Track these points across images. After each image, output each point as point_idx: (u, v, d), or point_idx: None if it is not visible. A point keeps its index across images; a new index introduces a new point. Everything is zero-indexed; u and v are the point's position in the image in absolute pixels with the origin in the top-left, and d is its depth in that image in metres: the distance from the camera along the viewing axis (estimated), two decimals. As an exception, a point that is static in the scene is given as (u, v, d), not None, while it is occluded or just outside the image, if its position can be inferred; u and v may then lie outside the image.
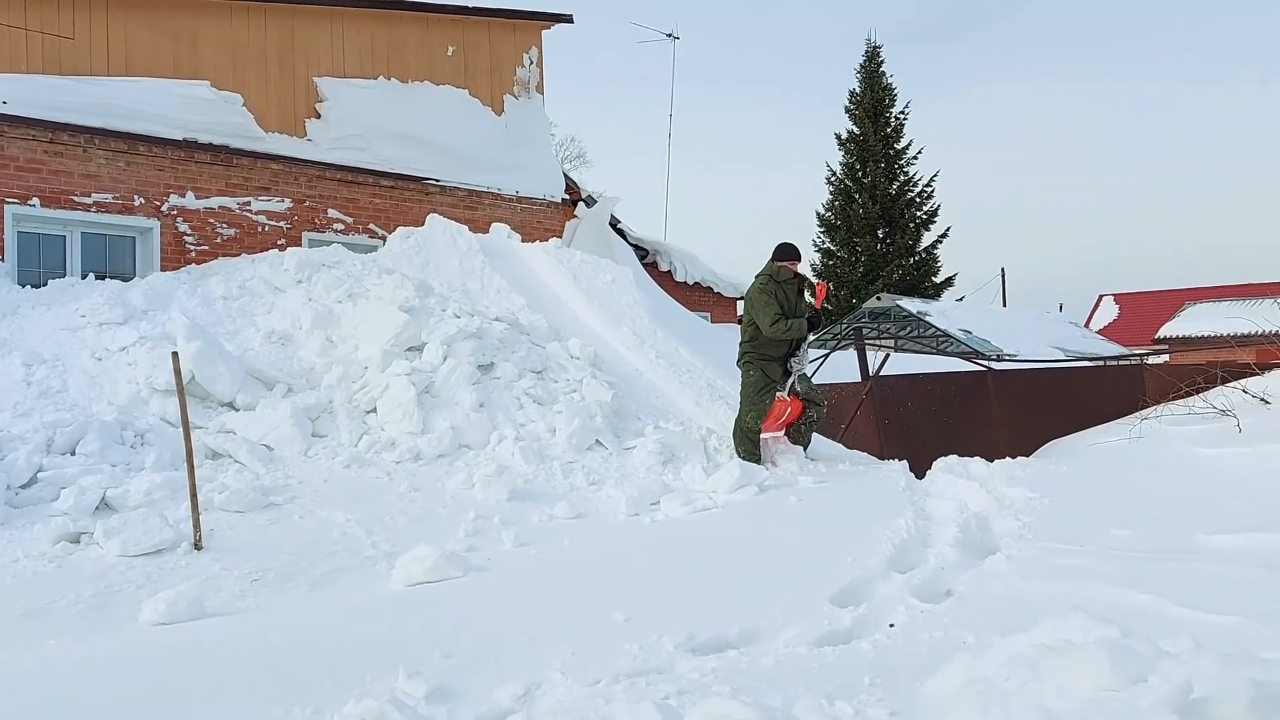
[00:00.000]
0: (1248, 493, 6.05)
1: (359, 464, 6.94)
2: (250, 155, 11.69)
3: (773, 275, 7.55)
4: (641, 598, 4.51)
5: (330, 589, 4.76)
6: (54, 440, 6.34)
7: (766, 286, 7.49)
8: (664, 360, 9.41)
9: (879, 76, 32.80)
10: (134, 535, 5.12)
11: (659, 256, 17.67)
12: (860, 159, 32.29)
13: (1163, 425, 7.68)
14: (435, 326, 8.38)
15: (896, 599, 4.56)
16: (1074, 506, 6.07)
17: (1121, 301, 38.50)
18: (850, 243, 32.05)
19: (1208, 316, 27.84)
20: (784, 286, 7.53)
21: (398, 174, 13.06)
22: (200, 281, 9.41)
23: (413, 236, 11.06)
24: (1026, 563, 4.92)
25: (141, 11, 11.29)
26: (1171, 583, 4.35)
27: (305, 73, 12.56)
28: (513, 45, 14.94)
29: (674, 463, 7.34)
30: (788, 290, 7.54)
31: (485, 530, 5.70)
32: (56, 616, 4.27)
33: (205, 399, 7.45)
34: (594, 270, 11.09)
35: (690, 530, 5.81)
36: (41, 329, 8.09)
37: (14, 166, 10.04)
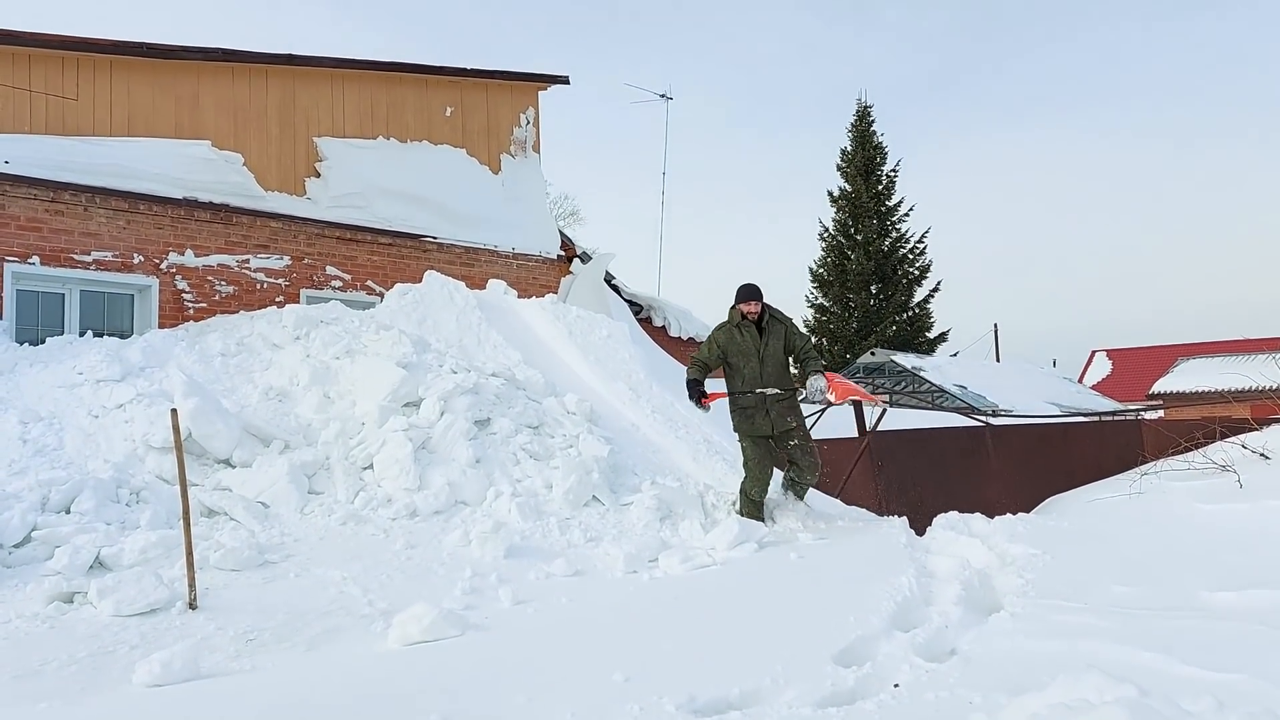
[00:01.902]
0: (1249, 549, 6.02)
1: (355, 521, 6.89)
2: (250, 213, 11.80)
3: (729, 320, 7.33)
4: (641, 657, 4.45)
5: (326, 649, 4.69)
6: (49, 498, 6.30)
7: (717, 329, 7.36)
8: (660, 415, 9.40)
9: (870, 135, 33.33)
10: (128, 595, 5.05)
11: (653, 312, 17.74)
12: (853, 215, 32.68)
13: (1162, 481, 7.68)
14: (432, 382, 8.38)
15: (900, 658, 4.51)
16: (1076, 563, 6.03)
17: (1114, 357, 38.68)
18: (844, 298, 32.29)
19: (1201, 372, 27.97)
20: (739, 330, 7.20)
21: (395, 231, 13.18)
22: (198, 338, 9.43)
23: (410, 293, 11.12)
24: (1030, 620, 4.87)
25: (144, 73, 11.46)
26: (1176, 640, 4.30)
27: (306, 133, 12.72)
28: (510, 106, 15.17)
29: (672, 519, 7.30)
30: (743, 333, 7.19)
31: (482, 588, 5.64)
32: (49, 678, 4.19)
33: (202, 456, 7.42)
34: (589, 326, 11.14)
35: (689, 588, 5.75)
36: (38, 386, 8.08)
37: (15, 225, 10.11)
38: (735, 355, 7.20)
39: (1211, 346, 33.37)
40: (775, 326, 7.24)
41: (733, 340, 7.19)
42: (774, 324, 7.25)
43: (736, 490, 7.50)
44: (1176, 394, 27.56)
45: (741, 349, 7.16)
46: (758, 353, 7.14)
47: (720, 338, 7.26)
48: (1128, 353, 38.41)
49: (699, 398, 7.26)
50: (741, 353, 7.17)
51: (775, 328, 7.24)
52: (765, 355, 7.14)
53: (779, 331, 7.24)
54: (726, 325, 7.28)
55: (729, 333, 7.23)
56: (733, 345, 7.20)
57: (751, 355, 7.15)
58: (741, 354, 7.17)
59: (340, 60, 13.19)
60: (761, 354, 7.14)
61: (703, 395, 7.26)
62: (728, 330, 7.25)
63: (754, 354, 7.14)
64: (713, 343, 7.29)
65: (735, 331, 7.20)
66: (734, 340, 7.19)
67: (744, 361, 7.18)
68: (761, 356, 7.14)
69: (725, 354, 7.24)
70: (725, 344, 7.21)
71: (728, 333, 7.23)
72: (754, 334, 7.17)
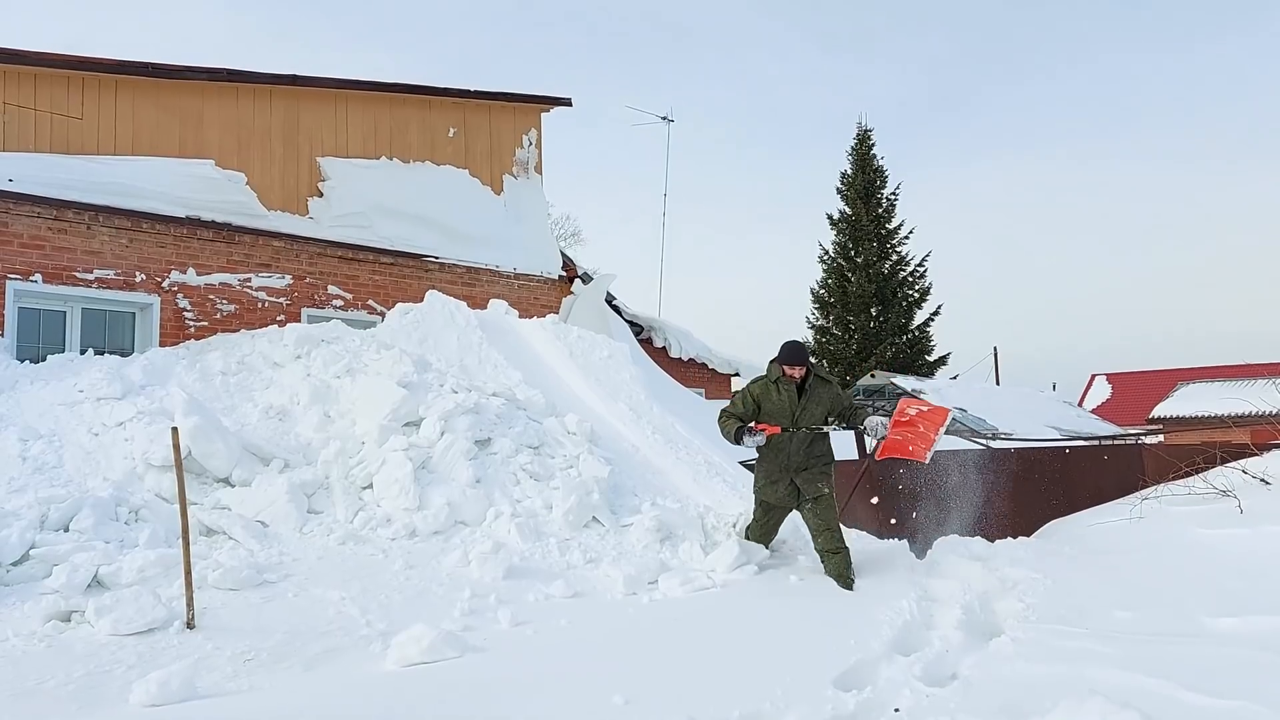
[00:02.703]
0: (1250, 574, 6.00)
1: (354, 541, 6.87)
2: (252, 232, 11.84)
3: (767, 375, 6.73)
4: (641, 679, 4.44)
5: (324, 669, 4.67)
6: (48, 516, 6.28)
7: (753, 382, 6.80)
8: (660, 436, 9.40)
9: (870, 159, 33.48)
10: (126, 614, 5.03)
11: (654, 333, 17.78)
12: (853, 238, 32.77)
13: (1163, 506, 7.66)
14: (433, 402, 8.38)
15: (901, 682, 4.50)
16: (1077, 588, 6.02)
17: (1114, 381, 38.68)
18: (844, 320, 32.34)
19: (1201, 397, 27.94)
20: (777, 387, 6.59)
21: (397, 251, 13.22)
22: (199, 357, 9.43)
23: (411, 312, 11.14)
24: (1032, 645, 4.86)
25: (149, 92, 11.53)
26: (1178, 666, 4.29)
27: (309, 152, 12.79)
28: (512, 127, 15.25)
29: (672, 541, 7.28)
30: (781, 391, 6.57)
31: (481, 609, 5.62)
32: (46, 697, 4.17)
33: (201, 475, 7.41)
34: (590, 346, 11.15)
35: (689, 610, 5.74)
36: (39, 404, 8.08)
37: (18, 243, 10.14)
38: (767, 415, 6.60)
39: (1212, 371, 33.37)
40: (819, 390, 6.62)
41: (768, 396, 6.60)
42: (818, 387, 6.62)
43: (737, 514, 7.48)
44: (1176, 418, 27.53)
45: (776, 408, 6.57)
46: (792, 415, 6.55)
47: (755, 391, 6.67)
48: (1127, 376, 38.42)
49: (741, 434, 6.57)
50: (775, 412, 6.58)
51: (818, 391, 6.61)
52: (800, 417, 6.56)
53: (821, 396, 6.61)
54: (764, 380, 6.68)
55: (765, 388, 6.64)
56: (768, 402, 6.60)
57: (785, 417, 6.56)
58: (775, 414, 6.58)
59: (344, 81, 13.26)
60: (796, 416, 6.56)
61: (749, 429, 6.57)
62: (764, 385, 6.65)
63: (788, 415, 6.56)
64: (747, 396, 6.69)
65: (772, 388, 6.60)
66: (769, 397, 6.60)
67: (778, 421, 6.60)
68: (795, 419, 6.56)
69: (759, 408, 6.64)
70: (760, 398, 6.62)
71: (764, 388, 6.65)
72: (792, 394, 6.56)
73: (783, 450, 6.58)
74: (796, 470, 6.57)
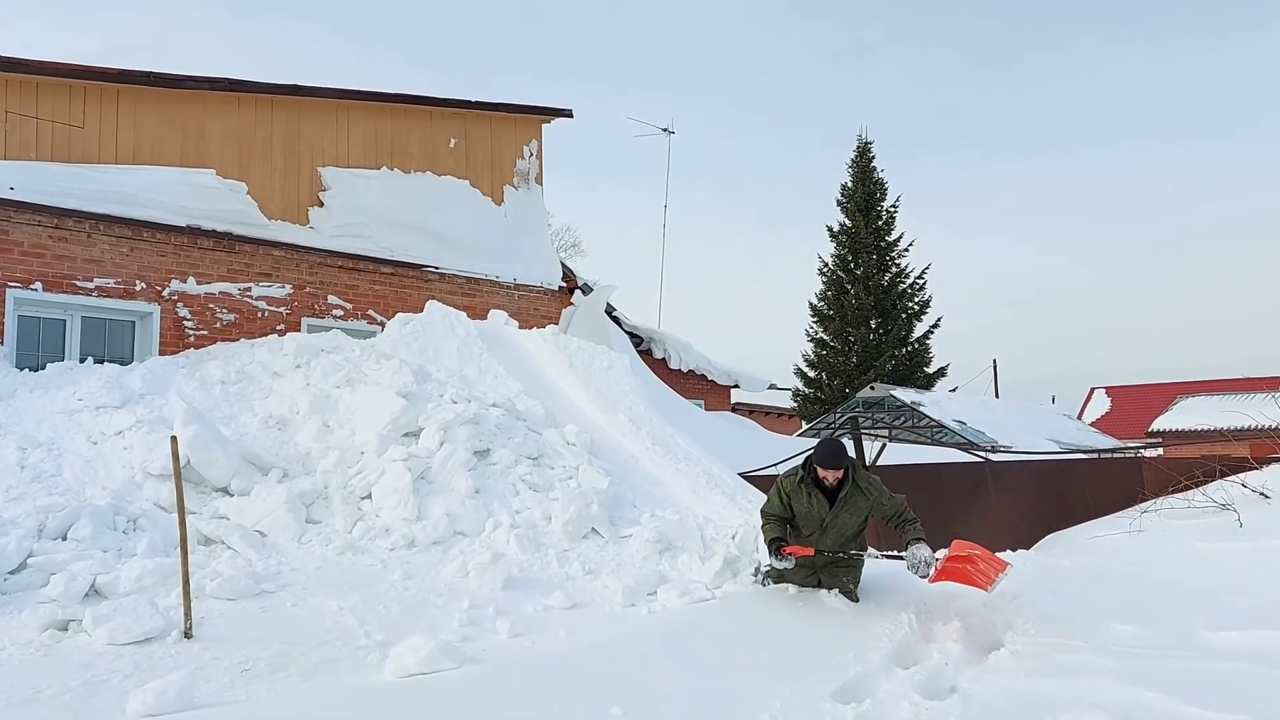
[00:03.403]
0: (1250, 589, 6.00)
1: (353, 551, 6.86)
2: (252, 242, 11.85)
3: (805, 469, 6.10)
4: (639, 692, 4.42)
5: (322, 679, 4.65)
6: (46, 525, 6.27)
7: (787, 476, 6.19)
8: (660, 448, 9.39)
9: (870, 171, 33.57)
10: (123, 623, 5.02)
11: (653, 344, 17.79)
12: (852, 250, 32.83)
13: (1162, 519, 7.66)
14: (432, 412, 8.38)
15: (900, 695, 4.49)
16: (1076, 601, 6.00)
17: (1113, 394, 38.73)
18: (843, 332, 32.37)
19: (1201, 410, 27.97)
20: (808, 492, 6.00)
21: (397, 261, 13.23)
22: (199, 366, 9.43)
23: (411, 323, 11.14)
24: (1031, 659, 4.85)
25: (151, 102, 11.55)
26: (1178, 680, 4.28)
27: (310, 162, 12.81)
28: (513, 138, 15.29)
29: (671, 552, 7.27)
30: (812, 497, 5.99)
31: (480, 620, 5.60)
32: (42, 707, 4.16)
33: (200, 484, 7.40)
34: (590, 357, 11.15)
35: (688, 622, 5.72)
36: (38, 412, 8.07)
37: (18, 251, 10.15)
38: (801, 517, 6.09)
39: (1211, 384, 33.41)
40: (855, 500, 6.00)
41: (798, 498, 6.04)
42: (854, 496, 5.99)
43: (736, 525, 7.46)
44: (1176, 432, 27.55)
45: (804, 515, 6.04)
46: (821, 523, 6.01)
47: (788, 487, 6.11)
48: (1127, 390, 38.46)
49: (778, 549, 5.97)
50: (806, 516, 6.06)
51: (855, 501, 6.00)
52: (829, 526, 6.01)
53: (857, 506, 6.00)
54: (797, 477, 6.10)
55: (796, 489, 6.06)
56: (797, 503, 6.05)
57: (814, 523, 6.03)
58: (805, 517, 6.06)
59: (345, 91, 13.30)
60: (825, 524, 6.01)
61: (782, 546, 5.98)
62: (795, 485, 6.07)
63: (817, 523, 6.02)
64: (780, 493, 6.14)
65: (802, 491, 6.02)
66: (799, 499, 6.04)
67: (806, 526, 6.09)
68: (824, 526, 6.02)
69: (789, 507, 6.11)
70: (793, 497, 6.07)
71: (795, 488, 6.07)
72: (822, 503, 5.98)
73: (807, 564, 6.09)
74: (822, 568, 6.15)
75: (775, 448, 12.74)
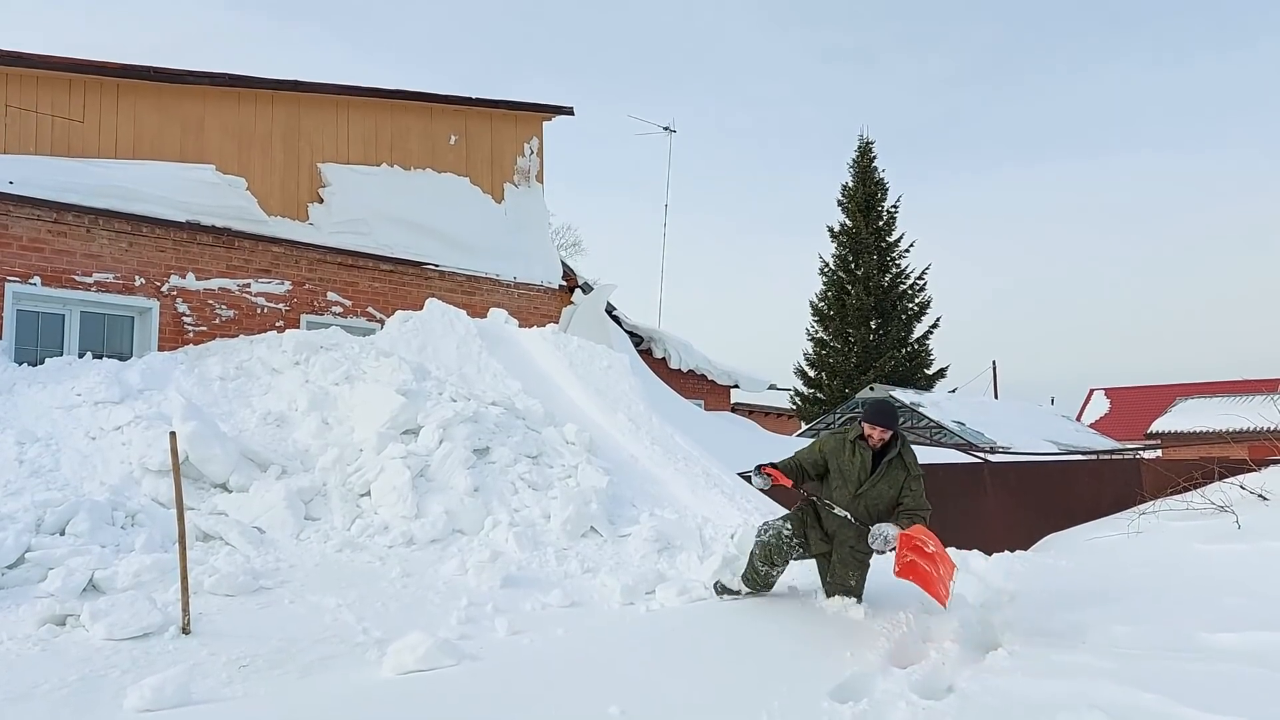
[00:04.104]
0: (1248, 590, 6.01)
1: (351, 548, 6.86)
2: (252, 238, 11.83)
3: (847, 431, 5.91)
4: (637, 690, 4.42)
5: (320, 676, 4.65)
6: (44, 520, 6.27)
7: (832, 434, 5.99)
8: (659, 447, 9.39)
9: (871, 171, 33.54)
10: (121, 618, 5.01)
11: (653, 344, 17.79)
12: (853, 251, 32.81)
13: (1161, 520, 7.67)
14: (431, 410, 8.38)
15: (897, 695, 4.49)
16: (1074, 602, 6.01)
17: (1112, 396, 38.75)
18: (844, 333, 32.36)
19: (1199, 412, 27.97)
20: (853, 448, 5.77)
21: (397, 258, 13.21)
22: (197, 362, 9.43)
23: (411, 320, 11.14)
24: (1029, 659, 4.85)
25: (150, 97, 11.54)
26: (1175, 682, 4.29)
27: (309, 158, 12.80)
28: (514, 135, 15.27)
29: (669, 551, 7.27)
30: (856, 453, 5.75)
31: (478, 618, 5.60)
32: (39, 701, 4.15)
33: (198, 480, 7.40)
34: (590, 356, 11.15)
35: (686, 620, 5.72)
36: (36, 407, 8.07)
37: (17, 245, 10.13)
38: (835, 473, 5.84)
39: (1210, 387, 33.42)
40: (895, 471, 5.74)
41: (840, 454, 5.80)
42: (896, 466, 5.75)
43: (735, 525, 7.45)
44: (1175, 433, 27.56)
45: (844, 470, 5.78)
46: (858, 484, 5.73)
47: (830, 444, 5.90)
48: (1126, 391, 38.48)
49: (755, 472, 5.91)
50: (841, 475, 5.79)
51: (895, 472, 5.74)
52: (863, 493, 5.72)
53: (896, 478, 5.73)
54: (842, 435, 5.89)
55: (840, 444, 5.84)
56: (836, 460, 5.82)
57: (851, 483, 5.75)
58: (840, 476, 5.80)
59: (345, 87, 13.28)
60: (860, 489, 5.73)
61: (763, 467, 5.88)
62: (840, 441, 5.86)
63: (854, 483, 5.74)
64: (819, 445, 5.96)
65: (847, 448, 5.78)
66: (841, 454, 5.80)
67: (840, 483, 5.81)
68: (859, 493, 5.73)
69: (827, 466, 5.88)
70: (831, 454, 5.85)
71: (839, 443, 5.85)
72: (866, 461, 5.73)
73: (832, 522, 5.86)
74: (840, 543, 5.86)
75: (774, 448, 12.75)
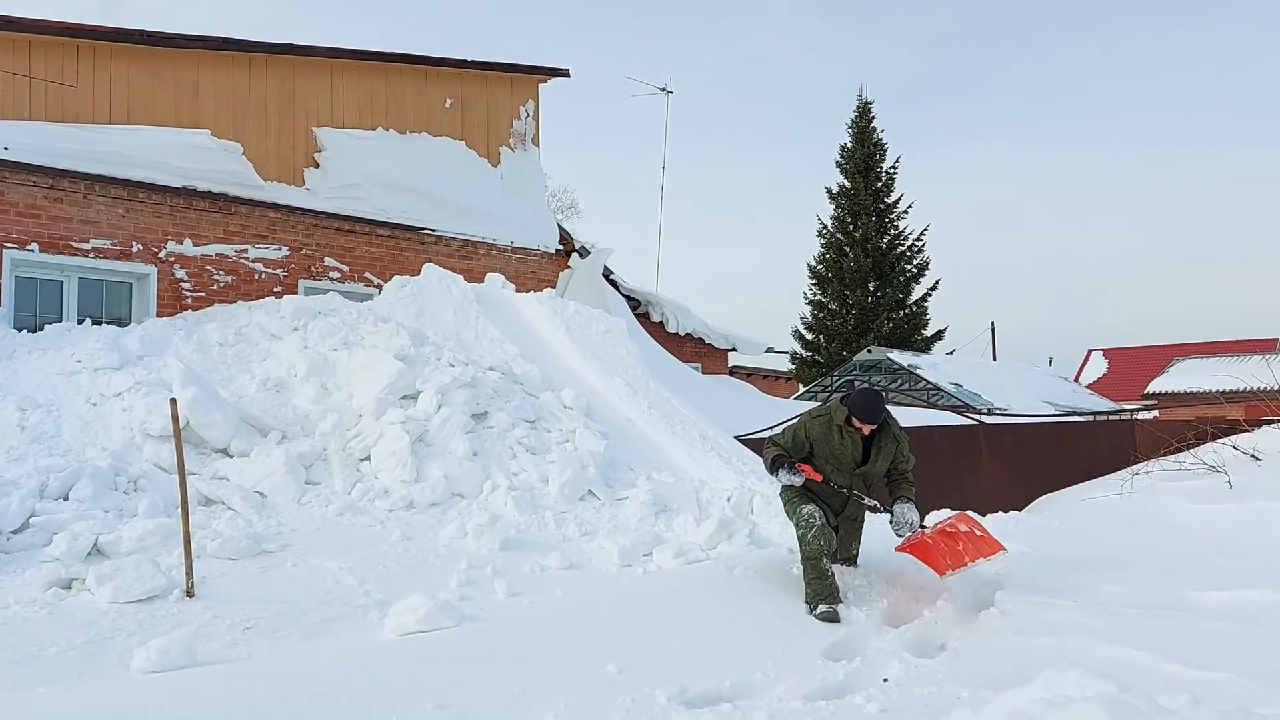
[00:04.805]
0: (1238, 549, 6.09)
1: (352, 512, 6.93)
2: (248, 203, 11.80)
3: (831, 414, 5.71)
4: (634, 649, 4.50)
5: (322, 638, 4.73)
6: (47, 485, 6.32)
7: (814, 417, 5.77)
8: (656, 411, 9.44)
9: (870, 132, 33.31)
10: (126, 582, 5.09)
11: (651, 308, 17.78)
12: (851, 212, 32.66)
13: (1154, 481, 7.74)
14: (430, 375, 8.41)
15: (890, 653, 4.57)
16: (1066, 562, 6.09)
17: (1111, 356, 38.78)
18: (841, 295, 32.31)
19: (1196, 372, 28.07)
20: (842, 434, 5.61)
21: (394, 223, 13.18)
22: (196, 328, 9.45)
23: (408, 285, 11.14)
24: (1020, 618, 4.93)
25: (144, 61, 11.45)
26: (1164, 639, 4.36)
27: (305, 123, 12.72)
28: (510, 98, 15.17)
29: (666, 514, 7.34)
30: (846, 438, 5.61)
31: (478, 580, 5.68)
32: (47, 664, 4.23)
33: (199, 445, 7.45)
34: (587, 321, 11.17)
35: (683, 582, 5.80)
36: (37, 373, 8.10)
37: (14, 212, 10.11)
38: (825, 458, 5.67)
39: (1207, 347, 33.50)
40: (888, 445, 5.70)
41: (829, 441, 5.63)
42: (886, 442, 5.69)
43: (731, 488, 7.50)
44: (1171, 394, 27.66)
45: (837, 456, 5.64)
46: (855, 465, 5.66)
47: (815, 430, 5.67)
48: (1124, 352, 38.51)
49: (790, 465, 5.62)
50: (834, 459, 5.65)
51: (887, 446, 5.70)
52: (862, 472, 5.70)
53: (890, 452, 5.71)
54: (827, 419, 5.67)
55: (827, 429, 5.64)
56: (826, 446, 5.64)
57: (846, 469, 5.67)
58: (833, 460, 5.66)
59: (340, 50, 13.17)
60: (858, 469, 5.68)
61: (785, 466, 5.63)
62: (827, 426, 5.66)
63: (849, 468, 5.66)
64: (802, 430, 5.72)
65: (835, 433, 5.62)
66: (830, 442, 5.63)
67: (833, 469, 5.67)
68: (857, 473, 5.69)
69: (813, 449, 5.69)
70: (818, 440, 5.65)
71: (826, 428, 5.65)
72: (857, 445, 5.64)
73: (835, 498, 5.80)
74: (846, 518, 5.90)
75: (772, 411, 12.81)
